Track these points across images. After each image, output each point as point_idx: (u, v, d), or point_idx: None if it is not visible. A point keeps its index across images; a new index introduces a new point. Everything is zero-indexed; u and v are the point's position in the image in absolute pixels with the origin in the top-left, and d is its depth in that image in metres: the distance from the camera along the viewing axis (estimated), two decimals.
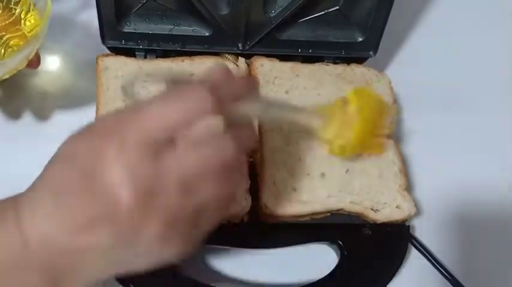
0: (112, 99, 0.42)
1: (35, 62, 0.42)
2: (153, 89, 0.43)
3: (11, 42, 0.40)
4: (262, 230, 0.41)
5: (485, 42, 0.58)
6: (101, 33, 0.44)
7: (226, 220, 0.40)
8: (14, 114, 0.45)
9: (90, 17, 0.45)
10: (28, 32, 0.40)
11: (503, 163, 0.50)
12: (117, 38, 0.44)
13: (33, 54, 0.40)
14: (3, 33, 0.40)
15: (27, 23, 0.41)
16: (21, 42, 0.40)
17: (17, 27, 0.41)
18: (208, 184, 0.26)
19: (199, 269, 0.42)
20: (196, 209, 0.26)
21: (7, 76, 0.39)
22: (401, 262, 0.42)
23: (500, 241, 0.47)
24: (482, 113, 0.53)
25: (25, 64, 0.40)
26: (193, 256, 0.42)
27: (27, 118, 0.45)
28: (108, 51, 0.46)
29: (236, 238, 0.41)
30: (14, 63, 0.38)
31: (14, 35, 0.40)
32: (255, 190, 0.42)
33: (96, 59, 0.44)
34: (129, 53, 0.45)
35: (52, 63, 0.48)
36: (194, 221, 0.27)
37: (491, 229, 0.47)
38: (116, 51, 0.45)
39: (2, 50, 0.40)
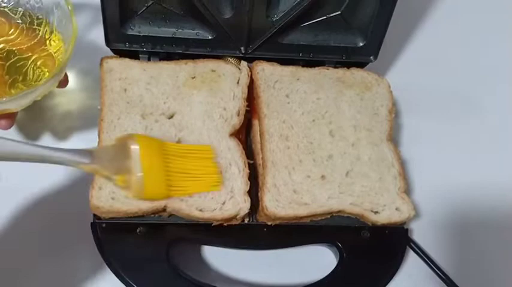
0: (115, 101, 0.43)
1: (63, 82, 0.42)
2: (156, 91, 0.44)
3: (39, 63, 0.41)
4: (263, 231, 0.42)
5: (484, 47, 0.58)
6: (105, 35, 0.44)
7: (226, 221, 0.40)
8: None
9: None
10: (54, 52, 0.41)
11: (502, 167, 0.51)
12: (121, 40, 0.45)
13: (62, 75, 0.40)
14: (30, 53, 0.41)
15: (52, 43, 0.41)
16: (48, 62, 0.41)
17: (43, 47, 0.41)
18: None
19: (199, 270, 0.42)
20: None
21: (39, 98, 0.40)
22: (400, 264, 0.42)
23: (498, 244, 0.47)
24: (481, 117, 0.54)
25: (56, 85, 0.40)
26: (194, 256, 0.43)
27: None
28: (113, 54, 0.46)
29: (236, 239, 0.42)
30: (46, 88, 0.39)
31: (40, 55, 0.41)
32: (255, 192, 0.42)
33: (101, 60, 0.44)
34: (133, 55, 0.46)
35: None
36: None
37: (489, 233, 0.48)
38: (120, 53, 0.46)
39: (31, 71, 0.40)
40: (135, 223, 0.40)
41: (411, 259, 0.45)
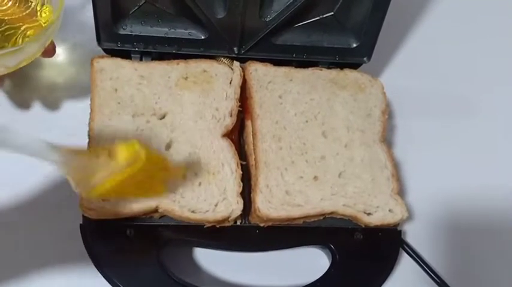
0: (106, 101, 0.42)
1: (50, 51, 0.43)
2: (148, 91, 0.43)
3: (28, 33, 0.41)
4: (255, 233, 0.41)
5: (477, 49, 0.58)
6: (97, 35, 0.44)
7: (219, 223, 0.40)
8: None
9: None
10: (44, 23, 0.42)
11: (495, 169, 0.51)
12: (113, 40, 0.45)
13: (49, 42, 0.40)
14: (21, 23, 0.42)
15: (43, 15, 0.42)
16: (38, 33, 0.41)
17: (34, 18, 0.42)
18: None
19: (191, 272, 0.42)
20: None
21: (24, 64, 0.40)
22: (393, 266, 0.42)
23: (491, 246, 0.47)
24: (474, 118, 0.54)
25: (41, 52, 0.41)
26: (186, 259, 0.42)
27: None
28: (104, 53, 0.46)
29: (229, 241, 0.41)
30: (31, 50, 0.39)
31: (30, 25, 0.42)
32: (248, 193, 0.42)
33: (91, 61, 0.44)
34: (125, 55, 0.45)
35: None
36: None
37: (482, 234, 0.48)
38: (112, 53, 0.45)
39: (20, 40, 0.41)
40: (126, 224, 0.39)
41: (404, 261, 0.44)
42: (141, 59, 0.46)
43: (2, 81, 0.42)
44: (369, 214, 0.42)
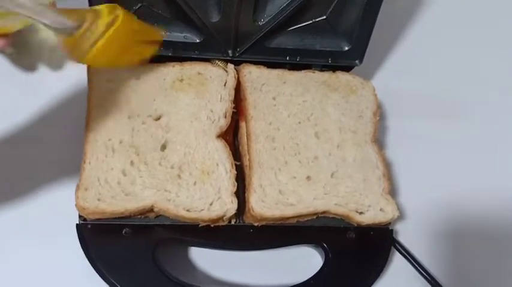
0: (102, 103, 0.43)
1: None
2: (144, 93, 0.44)
3: None
4: (249, 232, 0.42)
5: (467, 50, 0.60)
6: None
7: (213, 222, 0.41)
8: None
9: None
10: None
11: (486, 169, 0.52)
12: None
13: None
14: None
15: None
16: None
17: None
18: None
19: (186, 271, 0.42)
20: None
21: (23, 25, 0.40)
22: (385, 264, 0.43)
23: (482, 245, 0.48)
24: (465, 119, 0.55)
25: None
26: (181, 257, 0.43)
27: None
28: None
29: (223, 240, 0.42)
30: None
31: None
32: (242, 193, 0.43)
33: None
34: None
35: None
36: None
37: (473, 234, 0.48)
38: None
39: None
40: (121, 224, 0.40)
41: (396, 260, 0.45)
42: None
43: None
44: (360, 213, 0.43)
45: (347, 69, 0.50)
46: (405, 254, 0.45)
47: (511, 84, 0.58)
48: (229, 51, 0.47)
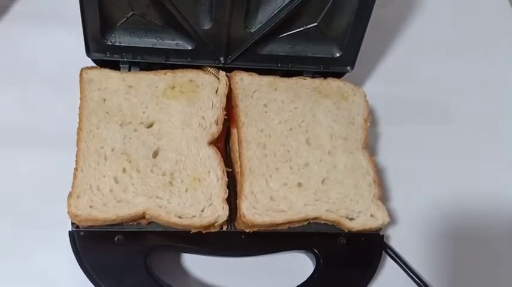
0: (94, 111, 0.43)
1: None
2: (135, 100, 0.44)
3: None
4: (241, 238, 0.42)
5: (458, 57, 0.60)
6: (86, 46, 0.45)
7: (205, 228, 0.41)
8: None
9: None
10: None
11: (477, 174, 0.52)
12: (101, 51, 0.46)
13: None
14: None
15: None
16: None
17: None
18: None
19: (178, 277, 0.43)
20: None
21: None
22: (376, 270, 0.43)
23: (474, 250, 0.48)
24: (456, 125, 0.55)
25: None
26: (173, 264, 0.43)
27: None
28: (93, 64, 0.47)
29: (215, 246, 0.42)
30: None
31: None
32: (234, 199, 0.43)
33: (81, 71, 0.45)
34: (114, 65, 0.46)
35: None
36: None
37: (465, 238, 0.49)
38: (101, 63, 0.46)
39: None
40: (114, 231, 0.40)
41: (388, 265, 0.45)
42: (129, 70, 0.47)
43: None
44: (351, 219, 0.43)
45: (338, 75, 0.50)
46: (396, 259, 0.45)
47: (500, 90, 0.59)
48: (221, 58, 0.47)
